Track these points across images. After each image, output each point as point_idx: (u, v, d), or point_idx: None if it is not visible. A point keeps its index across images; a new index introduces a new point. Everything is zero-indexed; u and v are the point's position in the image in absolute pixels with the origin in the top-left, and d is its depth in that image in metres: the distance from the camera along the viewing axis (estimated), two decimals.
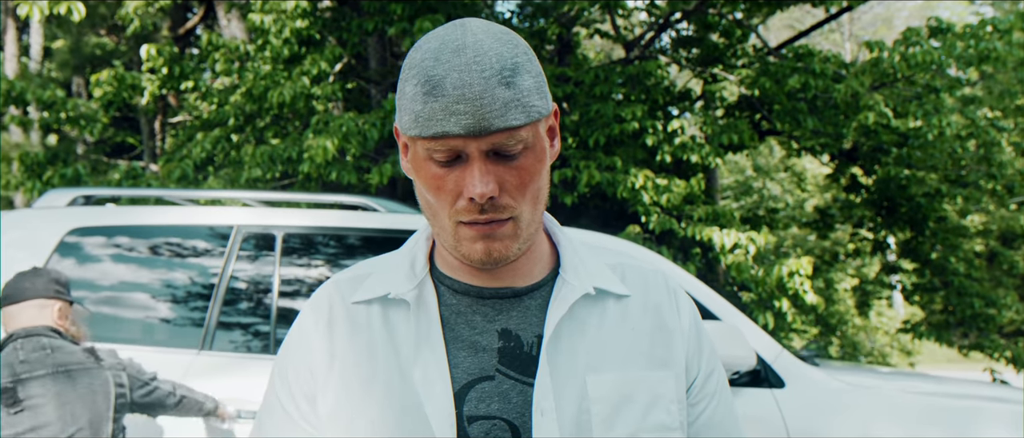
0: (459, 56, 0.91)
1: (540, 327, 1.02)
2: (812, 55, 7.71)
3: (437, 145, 0.93)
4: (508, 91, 0.91)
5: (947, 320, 8.78)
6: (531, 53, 0.97)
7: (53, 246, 3.02)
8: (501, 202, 0.95)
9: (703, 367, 1.11)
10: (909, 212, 8.58)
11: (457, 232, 0.98)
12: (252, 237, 3.12)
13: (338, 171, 6.24)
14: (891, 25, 27.70)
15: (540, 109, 0.95)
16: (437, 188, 0.96)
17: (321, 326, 1.05)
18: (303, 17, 7.25)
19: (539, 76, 0.96)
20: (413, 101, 0.93)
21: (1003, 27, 7.07)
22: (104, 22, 12.99)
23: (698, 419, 1.10)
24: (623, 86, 7.65)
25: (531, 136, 0.95)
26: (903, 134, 7.96)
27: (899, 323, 14.46)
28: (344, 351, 1.03)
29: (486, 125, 0.90)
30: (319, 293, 1.10)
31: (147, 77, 7.56)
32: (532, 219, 0.99)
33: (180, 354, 2.88)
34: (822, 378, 2.98)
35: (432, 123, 0.92)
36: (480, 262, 0.99)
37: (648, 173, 6.36)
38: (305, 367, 1.04)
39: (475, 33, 0.94)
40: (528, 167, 0.96)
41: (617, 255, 1.14)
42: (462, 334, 1.02)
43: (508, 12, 10.71)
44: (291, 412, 1.04)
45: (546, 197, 1.02)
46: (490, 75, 0.91)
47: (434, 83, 0.91)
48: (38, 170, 7.05)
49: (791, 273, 5.98)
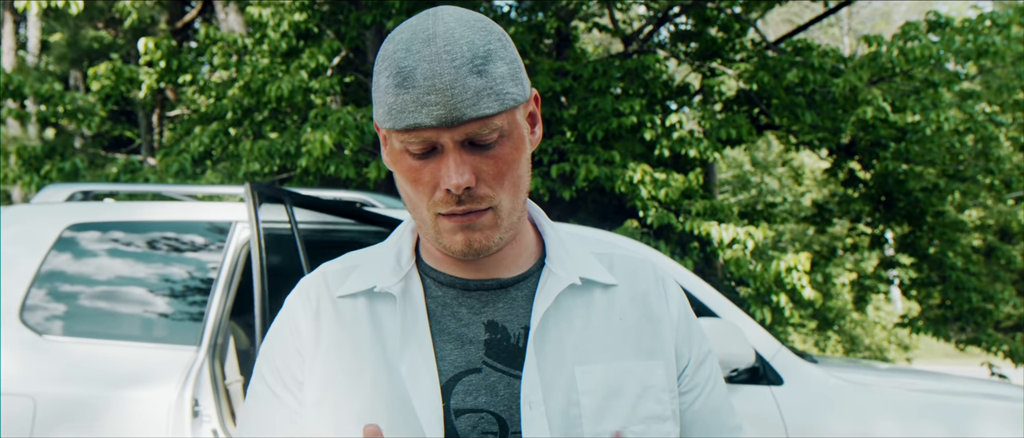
0: (429, 46, 0.90)
1: (527, 318, 1.01)
2: (810, 49, 7.70)
3: (411, 137, 0.92)
4: (480, 79, 0.90)
5: (945, 315, 8.78)
6: (506, 39, 0.96)
7: (51, 242, 3.02)
8: (479, 192, 0.94)
9: (694, 355, 1.10)
10: (907, 207, 8.59)
11: (437, 224, 0.97)
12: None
13: (336, 165, 6.23)
14: (890, 19, 27.68)
15: (515, 96, 0.93)
16: (414, 180, 0.96)
17: (308, 313, 1.05)
18: (301, 10, 7.24)
19: (514, 63, 0.95)
20: (386, 93, 0.92)
21: (1002, 22, 7.07)
22: (102, 15, 12.95)
23: (691, 407, 1.08)
24: (621, 80, 7.64)
25: (507, 124, 0.94)
26: (901, 129, 7.96)
27: (897, 318, 14.49)
28: (329, 342, 1.02)
29: (458, 115, 0.89)
30: (306, 281, 1.09)
31: (145, 71, 7.54)
32: (513, 208, 0.98)
33: (179, 350, 2.88)
34: (820, 375, 2.98)
35: (404, 115, 0.91)
36: (462, 254, 0.98)
37: (646, 167, 6.36)
38: (294, 350, 1.03)
39: (446, 22, 0.92)
40: (505, 156, 0.95)
41: (604, 244, 1.13)
42: (448, 327, 1.01)
43: (507, 6, 10.69)
44: (282, 396, 1.03)
45: (527, 185, 1.01)
46: (461, 64, 0.89)
47: (405, 74, 0.90)
48: (36, 164, 7.03)
49: (789, 268, 5.99)
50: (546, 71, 7.06)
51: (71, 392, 2.72)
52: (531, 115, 1.03)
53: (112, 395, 2.72)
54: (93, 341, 2.87)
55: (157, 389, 2.74)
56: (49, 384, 2.74)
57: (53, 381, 2.75)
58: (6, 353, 2.80)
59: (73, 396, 2.72)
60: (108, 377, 2.76)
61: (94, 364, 2.80)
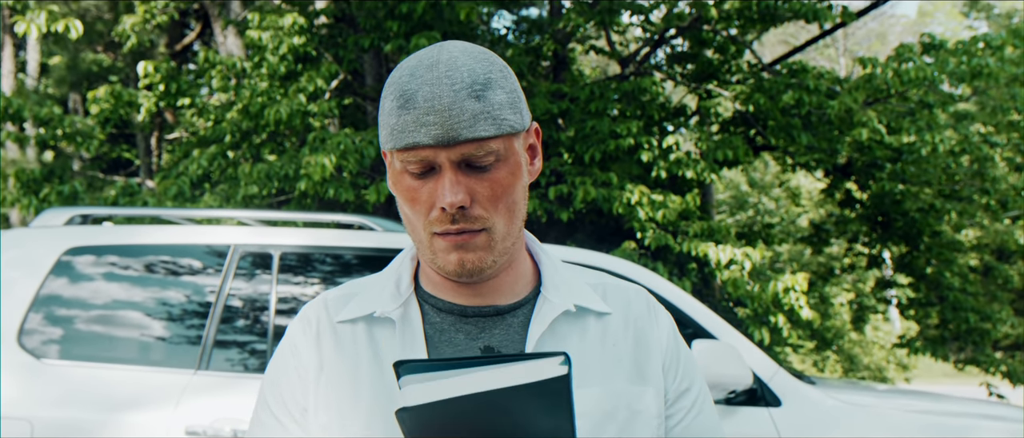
0: (432, 71, 0.95)
1: (522, 344, 1.03)
2: (806, 71, 7.75)
3: (409, 156, 0.95)
4: (478, 103, 0.93)
5: (942, 335, 8.77)
6: (508, 72, 1.00)
7: (49, 266, 3.02)
8: (473, 213, 0.97)
9: (683, 381, 1.11)
10: (904, 227, 8.60)
11: (432, 243, 1.00)
12: (249, 256, 3.13)
13: (335, 188, 6.25)
14: (885, 40, 27.85)
15: (512, 123, 0.97)
16: (412, 200, 0.99)
17: (310, 339, 1.06)
18: (300, 34, 7.28)
19: (514, 93, 0.98)
20: (389, 115, 0.96)
21: (995, 44, 7.12)
22: (101, 39, 13.01)
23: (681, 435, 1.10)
24: (618, 102, 7.68)
25: (503, 149, 0.97)
26: (897, 149, 7.99)
27: (895, 337, 14.47)
28: (331, 367, 1.04)
29: (454, 135, 0.93)
30: (307, 308, 1.11)
31: (144, 94, 7.56)
32: (507, 233, 1.01)
33: (177, 374, 2.87)
34: (819, 396, 2.98)
35: (404, 135, 0.94)
36: (455, 274, 1.00)
37: (643, 189, 6.38)
38: (297, 377, 1.05)
39: (451, 51, 0.97)
40: (500, 180, 0.97)
41: (598, 274, 1.16)
42: (445, 352, 1.03)
43: (504, 28, 10.76)
44: (285, 423, 1.04)
45: (523, 214, 1.03)
46: (460, 88, 0.93)
47: (407, 97, 0.94)
48: (34, 186, 7.04)
49: (787, 288, 5.99)
50: (543, 93, 7.10)
51: (69, 416, 2.72)
52: (531, 147, 1.05)
53: (110, 419, 2.72)
54: (91, 365, 2.87)
55: (154, 413, 2.74)
56: (47, 408, 2.74)
57: (51, 404, 2.75)
58: (4, 377, 2.80)
59: (71, 420, 2.71)
60: (106, 401, 2.76)
61: (92, 388, 2.80)
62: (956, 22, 26.65)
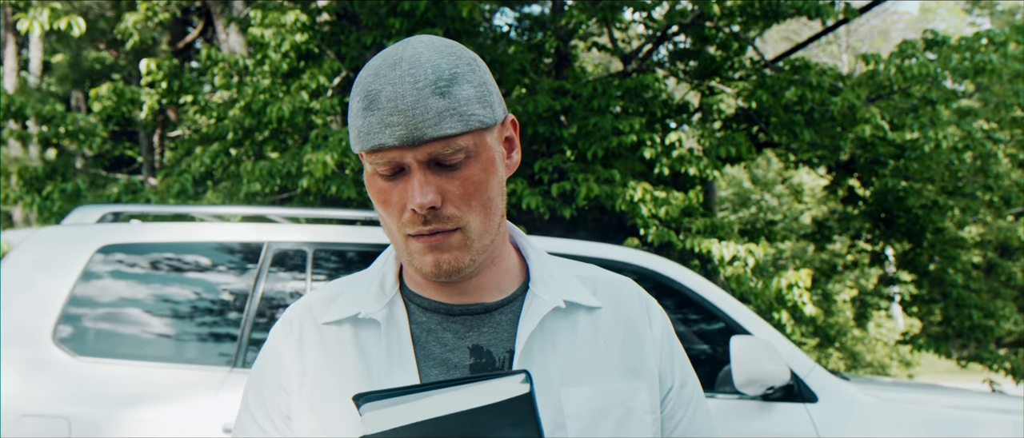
0: (395, 70, 0.92)
1: (511, 342, 1.01)
2: (809, 68, 7.74)
3: (377, 158, 0.94)
4: (442, 100, 0.91)
5: (946, 331, 8.77)
6: (477, 65, 0.97)
7: (83, 263, 3.01)
8: (445, 213, 0.94)
9: (677, 376, 1.09)
10: (907, 224, 8.60)
11: (408, 245, 0.98)
12: (283, 253, 3.13)
13: (338, 185, 6.25)
14: (888, 37, 27.81)
15: (482, 118, 0.94)
16: (384, 202, 0.97)
17: (292, 343, 1.04)
18: (302, 31, 7.27)
19: (483, 87, 0.95)
20: (355, 117, 0.94)
21: (998, 40, 7.10)
22: (103, 37, 13.03)
23: (675, 430, 1.08)
24: (621, 99, 7.68)
25: (473, 145, 0.94)
26: (900, 146, 7.98)
27: (898, 334, 14.46)
28: (316, 371, 1.02)
29: (419, 134, 0.90)
30: (290, 311, 1.09)
31: (146, 91, 7.57)
32: (484, 231, 0.98)
33: (213, 371, 2.87)
34: (855, 392, 2.99)
35: (370, 137, 0.92)
36: (432, 275, 0.98)
37: (646, 186, 6.38)
38: (278, 385, 1.03)
39: (416, 48, 0.95)
40: (472, 177, 0.95)
41: (587, 267, 1.14)
42: (433, 352, 1.00)
43: (506, 26, 10.75)
44: (267, 429, 1.03)
45: (501, 208, 1.01)
46: (423, 86, 0.91)
47: (371, 97, 0.92)
48: (37, 184, 7.05)
49: (790, 285, 6.00)
50: (546, 90, 7.10)
51: (105, 413, 2.72)
52: (507, 140, 1.03)
53: (146, 416, 2.72)
54: (127, 362, 2.87)
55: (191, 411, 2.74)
56: (83, 405, 2.74)
57: (88, 403, 2.75)
58: (40, 375, 2.80)
59: (108, 418, 2.71)
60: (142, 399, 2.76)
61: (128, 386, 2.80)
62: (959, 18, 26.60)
